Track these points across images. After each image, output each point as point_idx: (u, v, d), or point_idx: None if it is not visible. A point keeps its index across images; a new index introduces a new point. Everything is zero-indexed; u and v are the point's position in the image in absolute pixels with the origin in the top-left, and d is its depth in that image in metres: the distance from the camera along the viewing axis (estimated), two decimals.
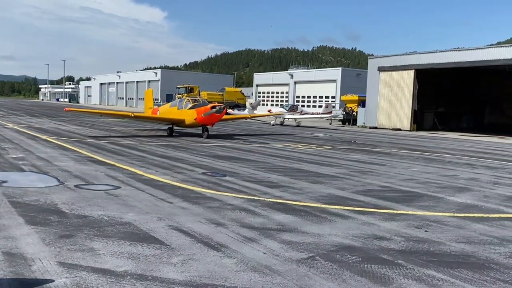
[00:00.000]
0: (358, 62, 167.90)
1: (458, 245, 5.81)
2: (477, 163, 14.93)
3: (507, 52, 29.08)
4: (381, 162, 14.25)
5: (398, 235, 6.13)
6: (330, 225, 6.55)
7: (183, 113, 21.18)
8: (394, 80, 35.24)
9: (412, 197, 8.84)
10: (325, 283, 4.41)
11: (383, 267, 4.89)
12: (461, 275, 4.74)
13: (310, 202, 8.01)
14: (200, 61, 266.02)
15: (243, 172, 11.18)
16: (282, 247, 5.43)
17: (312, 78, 58.31)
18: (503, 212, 7.81)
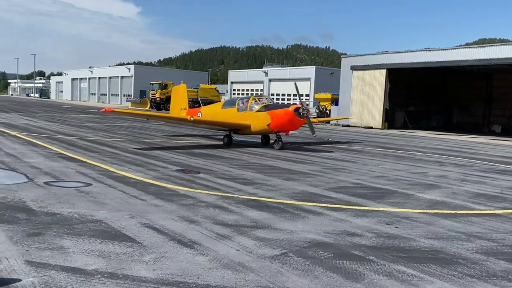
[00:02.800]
0: (331, 61, 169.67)
1: (427, 241, 5.95)
2: (445, 161, 15.31)
3: (475, 53, 29.89)
4: (353, 160, 14.44)
5: (369, 231, 6.23)
6: (303, 221, 6.60)
7: (248, 116, 16.44)
8: (366, 79, 35.75)
9: (383, 194, 8.99)
10: (297, 279, 4.44)
11: (355, 263, 4.96)
12: (430, 270, 4.85)
13: (284, 199, 8.05)
14: (175, 57, 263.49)
15: (218, 169, 11.14)
16: (255, 244, 5.45)
17: (287, 76, 58.57)
18: (470, 208, 8.03)
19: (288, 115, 15.54)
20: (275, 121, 15.77)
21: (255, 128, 16.31)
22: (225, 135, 16.95)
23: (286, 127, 16.12)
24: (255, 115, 16.31)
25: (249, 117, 16.40)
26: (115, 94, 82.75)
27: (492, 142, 26.28)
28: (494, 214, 7.65)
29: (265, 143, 17.71)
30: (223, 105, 18.67)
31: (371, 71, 35.38)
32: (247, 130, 16.60)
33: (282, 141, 16.33)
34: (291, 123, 15.87)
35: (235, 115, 16.81)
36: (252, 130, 16.46)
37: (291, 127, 16.26)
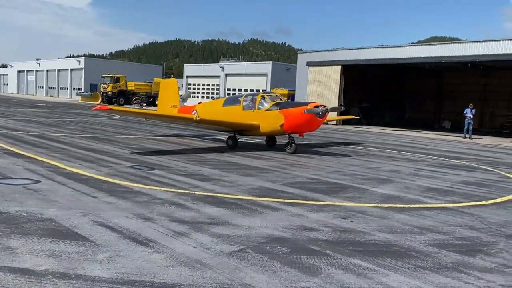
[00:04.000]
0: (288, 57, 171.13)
1: (382, 234, 6.08)
2: (398, 156, 15.78)
3: (426, 51, 30.96)
4: (309, 155, 14.59)
5: (326, 226, 6.30)
6: (260, 217, 6.58)
7: (257, 116, 14.79)
8: (322, 75, 36.26)
9: (339, 189, 9.13)
10: (255, 275, 4.41)
11: (312, 258, 4.99)
12: (385, 263, 4.95)
13: (241, 195, 8.01)
14: (127, 50, 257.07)
15: (173, 165, 10.94)
16: (213, 240, 5.37)
17: (243, 71, 58.52)
18: (422, 202, 8.29)
19: (305, 115, 13.87)
20: (289, 121, 14.08)
21: (265, 128, 14.67)
22: (230, 137, 15.24)
23: (302, 128, 14.38)
24: (265, 114, 14.64)
25: (257, 117, 14.74)
26: (64, 87, 79.73)
27: (442, 138, 27.37)
28: (445, 207, 7.93)
29: (271, 145, 16.22)
30: (224, 103, 16.55)
31: (326, 67, 35.91)
32: (256, 131, 15.01)
33: (295, 143, 14.68)
34: (309, 124, 14.16)
35: (241, 114, 15.08)
36: (261, 131, 14.85)
37: (308, 128, 14.50)
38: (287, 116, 14.08)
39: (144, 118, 16.77)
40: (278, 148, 16.18)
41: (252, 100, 15.36)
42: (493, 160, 16.00)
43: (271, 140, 16.28)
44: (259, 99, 15.08)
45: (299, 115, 13.88)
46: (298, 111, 13.95)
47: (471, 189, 9.88)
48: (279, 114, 14.25)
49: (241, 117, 14.97)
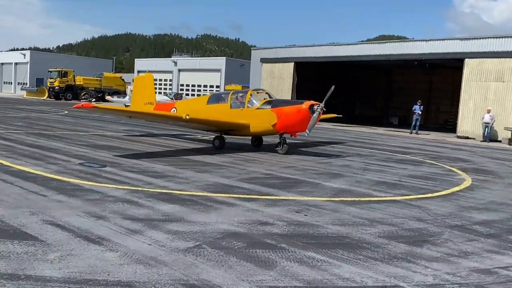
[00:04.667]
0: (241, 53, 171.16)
1: (334, 227, 6.24)
2: (349, 151, 16.20)
3: (375, 49, 31.92)
4: (263, 151, 14.70)
5: (280, 220, 6.39)
6: (216, 213, 6.58)
7: (247, 114, 13.93)
8: (275, 71, 36.59)
9: (292, 183, 9.28)
10: (211, 270, 4.42)
11: (267, 251, 5.05)
12: (338, 255, 5.10)
13: (196, 191, 7.97)
14: (75, 43, 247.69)
15: (125, 162, 10.70)
16: (168, 237, 5.32)
17: (197, 67, 58.01)
18: (372, 195, 8.57)
19: (301, 114, 13.11)
20: (283, 120, 13.31)
21: (256, 128, 13.85)
22: (216, 137, 14.32)
23: (297, 127, 13.51)
24: (255, 113, 13.79)
25: (247, 115, 13.87)
26: (8, 82, 75.89)
27: (390, 133, 28.35)
28: (394, 200, 8.24)
29: (257, 145, 15.39)
30: (208, 100, 15.54)
31: (280, 64, 36.26)
32: (245, 131, 14.12)
33: (287, 143, 14.00)
34: (304, 123, 13.17)
35: (228, 113, 14.17)
36: (252, 131, 14.02)
37: (303, 127, 13.39)
38: (280, 115, 13.32)
39: (129, 117, 15.31)
40: (228, 144, 16.20)
41: (241, 97, 14.52)
42: (438, 154, 16.77)
43: (257, 140, 15.50)
44: (249, 97, 14.21)
45: (294, 114, 13.17)
46: (293, 109, 13.25)
47: (418, 182, 10.32)
48: (272, 113, 13.45)
49: (228, 116, 14.06)
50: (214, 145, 14.19)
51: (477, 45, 25.92)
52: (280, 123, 13.36)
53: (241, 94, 14.73)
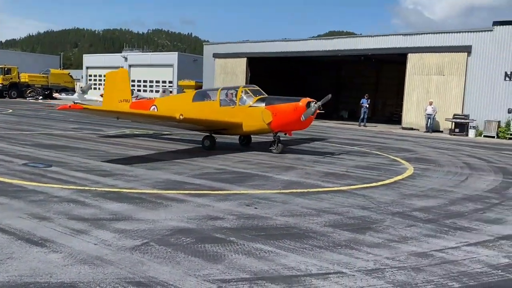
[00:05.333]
0: (194, 48, 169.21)
1: (283, 218, 6.39)
2: (301, 145, 16.48)
3: (325, 44, 32.57)
4: (218, 146, 14.69)
5: (231, 214, 6.46)
6: (165, 210, 6.56)
7: (239, 113, 13.25)
8: (228, 67, 36.54)
9: (244, 178, 9.37)
10: (159, 267, 4.42)
11: (216, 246, 5.11)
12: (284, 245, 5.23)
13: (146, 188, 7.89)
14: (19, 39, 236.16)
15: (72, 161, 10.41)
16: (115, 236, 5.26)
17: (148, 62, 56.90)
18: (321, 186, 8.81)
19: (298, 112, 12.62)
20: (279, 118, 12.74)
21: (249, 127, 13.22)
22: (206, 137, 13.63)
23: (294, 126, 13.12)
24: (248, 111, 13.15)
25: (239, 114, 13.20)
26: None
27: (340, 126, 29.05)
28: (340, 190, 8.51)
29: (245, 144, 14.78)
30: (194, 98, 14.62)
31: (232, 59, 36.24)
32: (237, 130, 13.51)
33: (281, 142, 13.53)
34: (301, 122, 12.84)
35: (218, 111, 13.45)
36: (244, 130, 13.38)
37: (300, 126, 13.17)
38: (276, 113, 12.75)
39: (116, 118, 14.25)
40: (184, 140, 16.08)
41: (232, 94, 13.78)
42: (383, 145, 17.39)
43: (246, 139, 14.85)
44: (240, 94, 13.49)
45: (291, 112, 12.68)
46: (290, 107, 12.75)
47: (364, 172, 10.69)
48: (266, 111, 12.86)
49: (219, 114, 13.34)
50: (204, 146, 13.54)
51: (419, 41, 27.03)
52: (276, 122, 12.81)
53: (231, 91, 13.96)
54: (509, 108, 23.60)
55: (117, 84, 16.51)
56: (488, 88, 24.47)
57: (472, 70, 24.93)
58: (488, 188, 9.32)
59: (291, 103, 12.91)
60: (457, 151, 16.16)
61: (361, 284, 4.24)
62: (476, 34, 25.13)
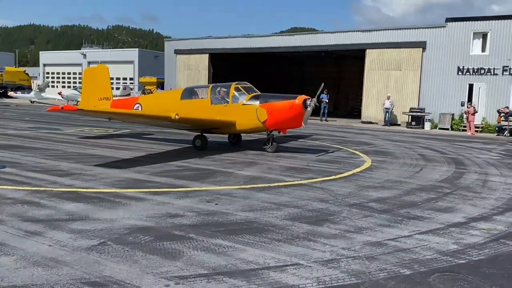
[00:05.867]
0: (156, 44, 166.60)
1: (243, 213, 6.44)
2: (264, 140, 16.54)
3: (287, 40, 32.81)
4: (179, 144, 14.60)
5: (190, 211, 6.46)
6: (124, 209, 6.49)
7: (232, 111, 12.79)
8: (191, 63, 36.25)
9: (206, 174, 9.36)
10: (115, 266, 4.38)
11: (175, 243, 5.11)
12: (244, 240, 5.29)
13: (105, 188, 7.77)
14: None
15: (28, 161, 10.11)
16: (71, 237, 5.17)
17: (108, 59, 55.61)
18: (282, 180, 8.91)
19: (295, 110, 12.27)
20: (274, 116, 12.37)
21: (243, 126, 12.78)
22: (197, 136, 13.05)
23: (290, 124, 12.75)
24: (242, 109, 12.69)
25: (233, 112, 12.73)
26: None
27: None
28: (301, 184, 8.65)
29: (235, 143, 14.43)
30: (182, 96, 13.92)
31: (195, 55, 35.98)
32: (230, 129, 13.03)
33: (276, 141, 13.17)
34: (297, 120, 12.48)
35: (210, 110, 12.93)
36: (238, 129, 12.94)
37: (296, 124, 12.81)
38: (271, 111, 12.38)
39: (108, 119, 13.28)
40: (144, 139, 15.88)
41: (224, 92, 13.23)
42: (343, 139, 17.74)
43: (236, 138, 14.46)
44: (233, 91, 13.01)
45: (287, 109, 12.31)
46: (286, 105, 12.36)
47: (323, 166, 10.89)
48: (261, 109, 12.47)
49: (210, 113, 12.82)
50: (195, 146, 13.00)
51: (377, 37, 27.66)
52: (271, 120, 12.43)
53: (224, 89, 13.35)
54: (462, 101, 24.55)
55: (96, 81, 15.79)
56: (442, 82, 25.35)
57: (427, 65, 25.76)
58: (441, 178, 9.70)
59: (287, 101, 12.53)
60: (413, 143, 16.70)
61: (317, 275, 4.35)
62: (430, 30, 25.95)
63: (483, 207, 7.25)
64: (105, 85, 15.80)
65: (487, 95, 24.16)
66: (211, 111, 12.92)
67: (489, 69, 24.04)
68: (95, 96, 15.46)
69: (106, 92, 15.59)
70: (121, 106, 14.67)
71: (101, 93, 15.48)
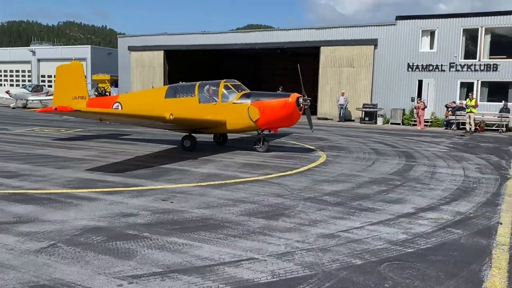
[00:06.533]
0: (109, 41, 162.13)
1: (199, 211, 6.42)
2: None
3: (243, 37, 32.88)
4: (133, 142, 14.33)
5: (145, 210, 6.37)
6: (75, 209, 6.31)
7: (222, 110, 12.35)
8: (145, 60, 35.61)
9: (162, 172, 9.25)
10: (66, 268, 4.27)
11: (128, 242, 5.03)
12: (199, 237, 5.27)
13: (55, 188, 7.53)
14: None
15: None
16: (18, 240, 4.98)
17: (59, 56, 53.74)
18: (238, 177, 8.94)
19: (288, 108, 11.94)
20: (267, 115, 12.02)
21: (234, 125, 12.36)
22: (186, 137, 12.52)
23: (283, 123, 12.48)
24: (232, 107, 12.27)
25: (223, 111, 12.29)
26: None
27: None
28: (257, 180, 8.71)
29: (221, 143, 13.99)
30: (166, 94, 13.26)
31: (149, 52, 35.35)
32: (220, 128, 12.60)
33: (267, 140, 12.78)
34: (290, 118, 12.26)
35: (198, 109, 12.44)
36: (228, 128, 12.51)
37: (290, 123, 12.63)
38: (263, 110, 12.02)
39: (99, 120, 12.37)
40: (98, 138, 15.47)
41: (212, 90, 12.75)
42: (300, 135, 17.96)
43: (222, 137, 14.02)
44: (222, 89, 12.54)
45: (281, 108, 11.96)
46: (279, 103, 12.01)
47: (280, 161, 11.01)
48: (253, 108, 12.08)
49: (199, 112, 12.31)
50: (184, 147, 12.43)
51: (330, 34, 28.22)
52: (263, 119, 12.09)
53: (212, 87, 12.85)
54: (412, 97, 25.44)
55: (70, 79, 15.04)
56: (393, 79, 26.18)
57: (379, 62, 26.51)
58: (392, 171, 10.04)
59: (280, 99, 12.23)
60: (366, 138, 17.17)
61: (271, 268, 4.41)
62: (381, 28, 26.72)
63: (431, 197, 7.57)
64: (80, 83, 15.18)
65: (435, 91, 25.17)
66: (199, 110, 12.43)
67: (437, 66, 25.03)
68: (69, 94, 14.78)
69: (81, 90, 14.97)
70: (99, 105, 14.01)
71: (76, 92, 14.84)
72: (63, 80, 15.33)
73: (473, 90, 23.91)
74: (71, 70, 15.65)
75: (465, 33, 24.70)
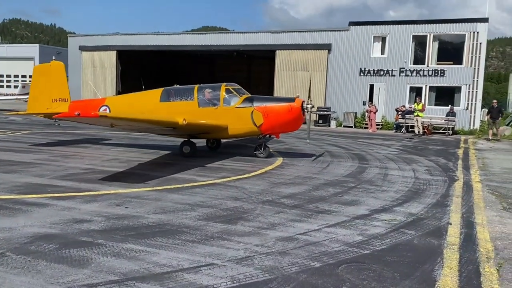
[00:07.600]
0: (59, 40, 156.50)
1: (155, 216, 6.29)
2: (178, 140, 16.27)
3: (198, 39, 32.62)
4: (84, 145, 13.87)
5: (99, 216, 6.17)
6: (25, 216, 6.02)
7: (224, 114, 11.80)
8: (97, 60, 34.62)
9: (115, 177, 8.99)
10: (16, 278, 4.06)
11: (82, 250, 4.85)
12: (156, 243, 5.16)
13: (1, 194, 7.15)
14: None
15: None
16: None
17: (4, 55, 51.39)
18: (196, 181, 8.83)
19: (293, 113, 11.60)
20: (271, 120, 11.66)
21: (236, 130, 11.90)
22: (185, 142, 12.07)
23: (287, 127, 12.16)
24: (235, 112, 11.81)
25: (224, 116, 11.79)
26: None
27: None
28: (215, 183, 8.64)
29: (214, 148, 13.50)
30: (161, 97, 12.60)
31: (101, 52, 34.40)
32: (221, 134, 12.10)
33: (268, 146, 12.50)
34: (294, 123, 11.97)
35: (198, 113, 11.81)
36: (230, 134, 12.00)
37: (293, 127, 12.27)
38: (267, 115, 11.63)
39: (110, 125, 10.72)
40: (41, 137, 14.87)
41: (212, 94, 12.23)
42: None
43: (216, 142, 13.55)
44: (223, 93, 12.06)
45: (285, 113, 11.63)
46: (284, 108, 11.66)
47: (238, 164, 11.00)
48: (257, 112, 11.68)
49: (198, 116, 11.68)
50: (183, 153, 11.97)
51: (286, 38, 28.60)
52: (267, 124, 11.73)
53: (213, 91, 12.35)
54: (364, 101, 26.21)
55: (50, 80, 14.08)
56: (346, 83, 26.86)
57: (332, 67, 27.12)
58: (346, 173, 10.28)
59: (285, 104, 11.87)
60: (321, 141, 17.48)
61: (231, 273, 4.38)
62: (335, 33, 27.35)
63: (384, 199, 7.80)
64: (61, 84, 14.24)
65: (386, 95, 26.03)
66: (199, 114, 11.82)
67: (387, 71, 25.91)
68: (48, 97, 13.92)
69: (62, 92, 14.09)
70: (84, 108, 12.80)
71: (56, 94, 14.00)
72: (41, 81, 14.36)
73: (422, 94, 24.94)
74: (51, 70, 14.62)
75: (414, 40, 25.74)
